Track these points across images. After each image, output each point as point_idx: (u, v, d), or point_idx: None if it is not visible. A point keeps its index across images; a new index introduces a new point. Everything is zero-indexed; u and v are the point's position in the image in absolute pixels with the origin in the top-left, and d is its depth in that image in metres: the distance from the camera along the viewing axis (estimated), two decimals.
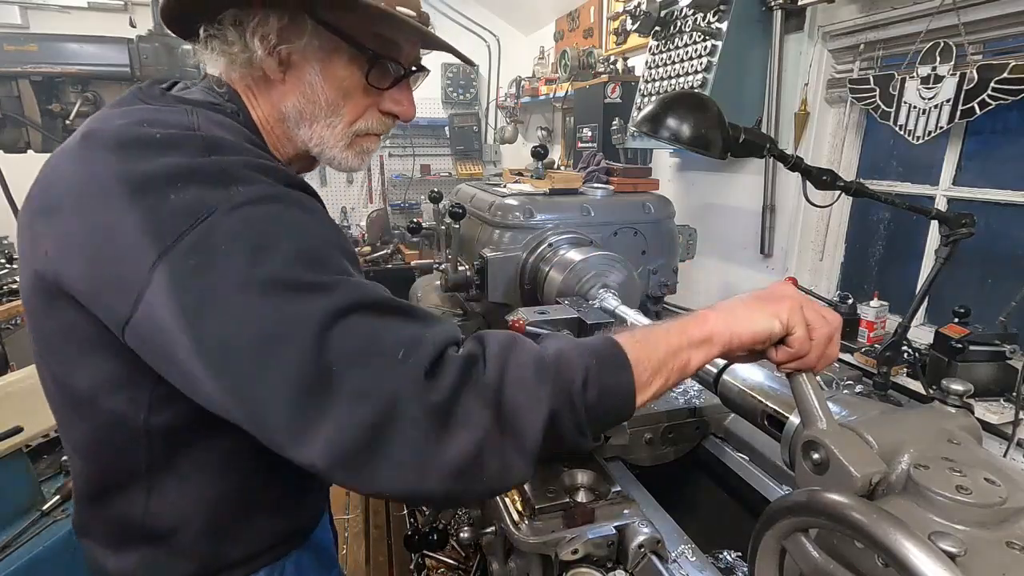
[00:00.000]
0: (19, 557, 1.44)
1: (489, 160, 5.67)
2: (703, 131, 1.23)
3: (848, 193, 1.37)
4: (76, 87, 2.40)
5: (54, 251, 0.63)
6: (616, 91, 3.20)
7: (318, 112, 0.80)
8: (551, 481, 1.00)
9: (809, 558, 0.58)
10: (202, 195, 0.59)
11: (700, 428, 1.29)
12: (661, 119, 1.25)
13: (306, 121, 0.80)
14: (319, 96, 0.79)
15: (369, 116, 0.84)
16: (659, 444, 1.25)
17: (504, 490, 0.74)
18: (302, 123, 0.81)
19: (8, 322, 2.30)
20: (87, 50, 2.36)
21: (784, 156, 1.33)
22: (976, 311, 1.71)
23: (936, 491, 0.56)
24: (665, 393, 0.72)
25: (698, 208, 2.96)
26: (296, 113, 0.80)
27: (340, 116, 0.81)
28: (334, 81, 0.78)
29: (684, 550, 0.90)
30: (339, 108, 0.80)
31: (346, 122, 0.82)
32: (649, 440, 1.24)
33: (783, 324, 0.70)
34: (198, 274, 0.57)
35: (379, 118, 0.85)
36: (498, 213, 1.75)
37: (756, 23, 2.32)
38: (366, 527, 2.81)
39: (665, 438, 1.26)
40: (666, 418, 1.25)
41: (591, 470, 1.04)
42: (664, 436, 1.25)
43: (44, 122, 2.39)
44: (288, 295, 0.57)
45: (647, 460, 1.25)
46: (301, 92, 0.78)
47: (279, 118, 0.81)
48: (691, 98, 1.30)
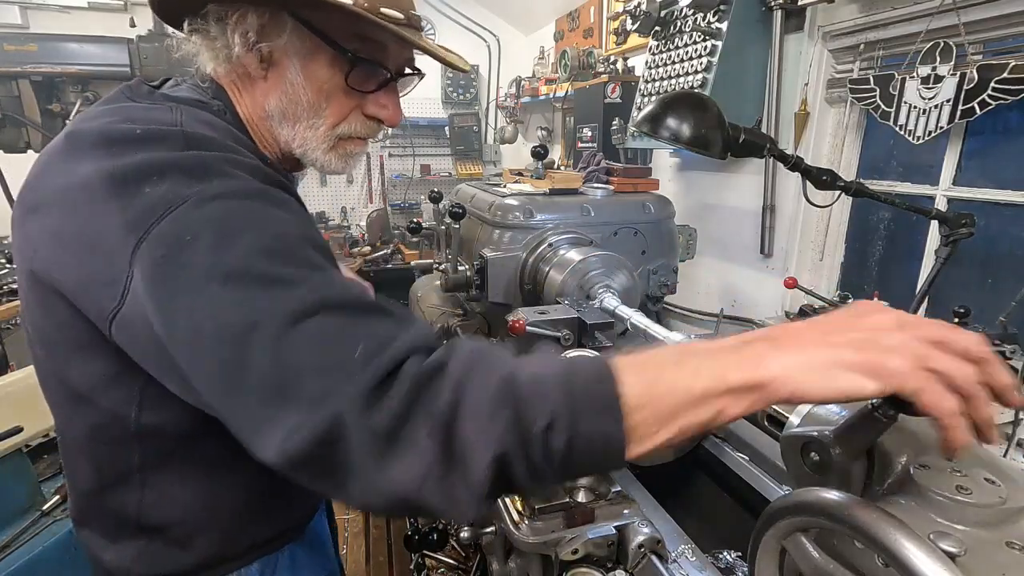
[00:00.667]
0: (19, 557, 1.44)
1: (489, 160, 5.67)
2: (703, 131, 1.23)
3: (848, 193, 1.37)
4: (76, 87, 2.41)
5: (43, 249, 0.64)
6: (616, 91, 3.20)
7: (300, 112, 0.78)
8: None
9: (809, 558, 0.58)
10: (176, 188, 0.59)
11: None
12: (661, 119, 1.25)
13: (288, 121, 0.79)
14: (300, 96, 0.77)
15: (353, 119, 0.82)
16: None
17: (460, 522, 0.68)
18: (284, 122, 0.79)
19: (8, 322, 2.30)
20: (87, 50, 2.37)
21: (784, 156, 1.33)
22: (976, 311, 1.71)
23: (936, 491, 0.56)
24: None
25: (698, 208, 2.96)
26: (279, 112, 0.78)
27: (322, 118, 0.79)
28: (315, 81, 0.77)
29: (684, 550, 0.90)
30: (320, 109, 0.79)
31: (328, 124, 0.80)
32: None
33: (886, 385, 0.47)
34: (166, 264, 0.56)
35: (363, 121, 0.83)
36: (498, 213, 1.75)
37: (756, 23, 2.32)
38: (366, 527, 2.81)
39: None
40: None
41: None
42: None
43: (44, 122, 2.39)
44: (252, 288, 0.55)
45: (647, 460, 1.24)
46: (283, 91, 0.77)
47: (263, 116, 0.80)
48: (691, 98, 1.30)
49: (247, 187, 0.63)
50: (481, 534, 1.03)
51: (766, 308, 2.62)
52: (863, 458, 0.65)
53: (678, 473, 1.30)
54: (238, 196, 0.61)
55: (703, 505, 1.30)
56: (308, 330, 0.55)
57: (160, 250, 0.56)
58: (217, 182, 0.60)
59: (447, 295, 2.05)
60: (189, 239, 0.56)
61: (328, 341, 0.55)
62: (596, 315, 1.33)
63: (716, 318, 2.91)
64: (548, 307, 1.39)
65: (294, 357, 0.53)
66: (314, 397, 0.52)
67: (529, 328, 1.25)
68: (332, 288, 0.59)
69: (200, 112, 0.73)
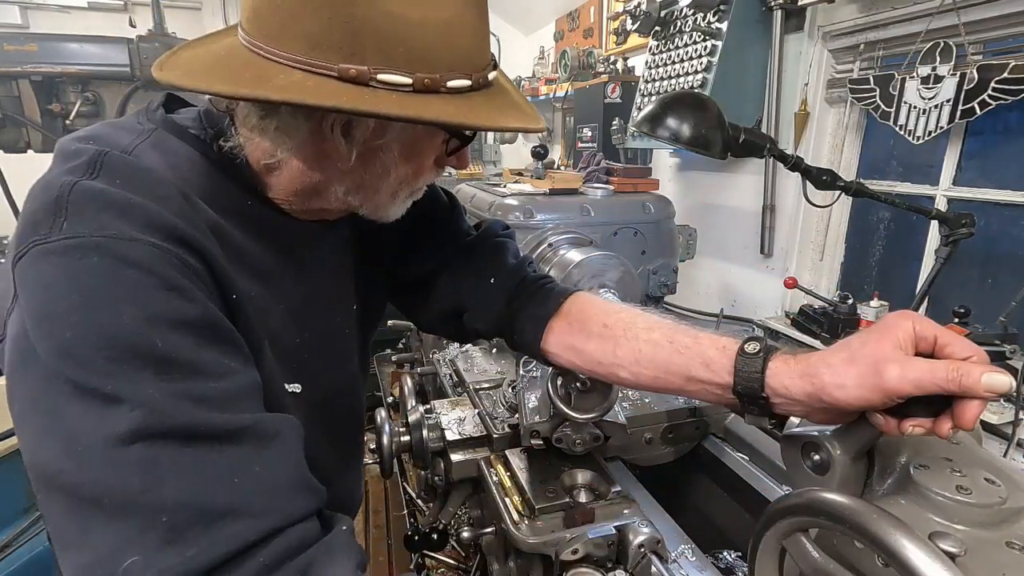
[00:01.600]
0: (19, 557, 1.44)
1: (489, 160, 5.66)
2: (703, 131, 1.23)
3: (848, 193, 1.37)
4: (76, 87, 2.40)
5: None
6: (616, 91, 3.21)
7: (382, 185, 0.71)
8: (551, 481, 1.00)
9: (809, 558, 0.58)
10: (36, 219, 0.53)
11: (700, 428, 1.28)
12: (661, 119, 1.25)
13: (361, 191, 0.71)
14: (390, 173, 0.70)
15: (428, 175, 0.75)
16: (659, 444, 1.25)
17: None
18: (352, 193, 0.71)
19: None
20: (87, 50, 2.36)
21: (784, 156, 1.33)
22: (976, 311, 1.71)
23: (936, 491, 0.56)
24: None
25: (698, 208, 2.96)
26: (347, 187, 0.70)
27: (409, 187, 0.74)
28: (415, 160, 0.70)
29: (684, 550, 0.90)
30: (410, 179, 0.72)
31: (412, 190, 0.75)
32: (649, 440, 1.23)
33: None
34: (9, 314, 0.53)
35: (434, 173, 0.76)
36: (498, 213, 1.75)
37: (756, 23, 2.32)
38: (366, 527, 2.81)
39: (665, 438, 1.25)
40: (666, 418, 1.24)
41: (591, 470, 1.04)
42: (664, 436, 1.25)
43: (44, 122, 2.39)
44: (70, 398, 0.48)
45: (646, 460, 1.25)
46: (364, 171, 0.69)
47: (302, 185, 0.70)
48: (691, 98, 1.30)
49: (98, 241, 0.51)
50: (481, 534, 1.03)
51: (766, 308, 2.62)
52: (863, 458, 0.65)
53: (678, 473, 1.29)
54: (81, 252, 0.51)
55: (703, 505, 1.30)
56: (124, 461, 0.47)
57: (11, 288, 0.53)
58: (67, 225, 0.52)
59: None
60: (23, 304, 0.51)
61: (140, 485, 0.47)
62: None
63: (716, 318, 2.91)
64: None
65: (100, 492, 0.46)
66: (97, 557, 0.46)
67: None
68: (172, 404, 0.49)
69: (177, 143, 0.66)
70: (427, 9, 0.58)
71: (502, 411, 1.17)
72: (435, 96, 0.60)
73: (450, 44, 0.60)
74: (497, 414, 1.16)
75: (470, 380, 1.31)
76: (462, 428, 1.15)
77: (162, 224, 0.55)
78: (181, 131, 0.68)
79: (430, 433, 1.11)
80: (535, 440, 1.02)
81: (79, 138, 0.62)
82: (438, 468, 1.13)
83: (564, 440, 1.00)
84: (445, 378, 1.46)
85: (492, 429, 1.12)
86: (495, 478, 1.04)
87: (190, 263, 0.56)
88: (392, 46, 0.57)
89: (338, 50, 0.56)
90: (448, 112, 0.60)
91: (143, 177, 0.58)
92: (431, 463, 1.12)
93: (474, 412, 1.20)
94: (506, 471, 1.04)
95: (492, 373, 1.36)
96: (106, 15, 4.37)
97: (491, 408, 1.19)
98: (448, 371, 1.46)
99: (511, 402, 1.16)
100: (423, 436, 1.10)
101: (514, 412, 1.13)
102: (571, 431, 0.99)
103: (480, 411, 1.19)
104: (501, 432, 1.11)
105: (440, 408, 1.21)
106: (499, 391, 1.23)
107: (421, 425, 1.11)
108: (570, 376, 0.94)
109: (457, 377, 1.40)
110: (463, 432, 1.14)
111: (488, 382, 1.30)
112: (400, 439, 1.11)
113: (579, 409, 0.94)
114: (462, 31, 0.61)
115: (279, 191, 0.71)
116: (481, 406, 1.19)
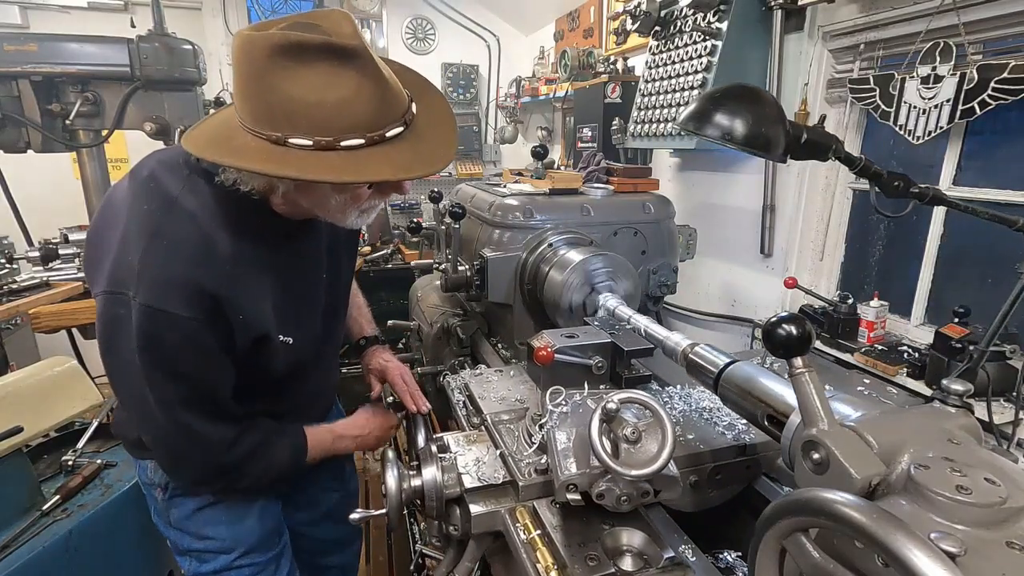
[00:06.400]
0: (19, 557, 1.44)
1: (489, 160, 5.67)
2: (761, 129, 1.04)
3: (923, 201, 1.17)
4: (76, 87, 2.40)
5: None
6: (616, 91, 3.20)
7: (330, 208, 1.01)
8: (590, 543, 0.86)
9: (809, 558, 0.58)
10: (130, 262, 0.96)
11: (752, 468, 1.11)
12: (709, 115, 1.06)
13: (320, 210, 1.02)
14: (331, 203, 0.99)
15: (372, 199, 1.02)
16: (705, 488, 1.08)
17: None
18: (316, 210, 1.02)
19: (8, 322, 2.30)
20: (87, 50, 2.36)
21: (851, 159, 1.16)
22: (976, 311, 1.71)
23: (936, 491, 0.56)
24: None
25: (698, 208, 2.96)
26: (311, 204, 1.01)
27: (349, 213, 1.02)
28: (343, 198, 0.99)
29: (684, 550, 0.90)
30: (348, 207, 1.01)
31: (354, 214, 1.03)
32: (694, 483, 1.07)
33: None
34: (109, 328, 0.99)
35: (380, 197, 1.04)
36: (498, 213, 1.75)
37: (756, 23, 2.32)
38: (366, 527, 2.81)
39: (712, 480, 1.08)
40: (711, 457, 1.07)
41: (638, 529, 0.90)
42: (711, 478, 1.08)
43: (44, 122, 2.38)
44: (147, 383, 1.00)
45: (690, 506, 1.08)
46: (313, 200, 1.00)
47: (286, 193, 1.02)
48: (743, 91, 1.09)
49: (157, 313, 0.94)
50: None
51: (766, 308, 2.62)
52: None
53: (727, 515, 1.15)
54: (148, 314, 0.94)
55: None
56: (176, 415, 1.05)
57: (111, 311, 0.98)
58: (143, 290, 0.94)
59: (447, 295, 2.05)
60: (125, 332, 0.97)
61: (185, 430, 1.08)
62: (632, 339, 1.21)
63: (716, 318, 2.91)
64: (576, 329, 1.25)
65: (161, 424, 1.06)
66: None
67: (559, 357, 1.11)
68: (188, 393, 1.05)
69: (202, 184, 0.99)
70: (323, 93, 0.82)
71: (527, 451, 1.02)
72: (333, 152, 0.85)
73: (345, 114, 0.84)
74: (522, 456, 1.02)
75: (488, 411, 1.18)
76: (481, 472, 1.01)
77: (199, 301, 0.96)
78: (208, 175, 0.99)
79: (445, 476, 0.99)
80: (571, 494, 0.86)
81: (149, 177, 1.02)
82: (454, 517, 1.01)
83: (607, 496, 0.84)
84: (457, 405, 1.33)
85: (517, 475, 0.98)
86: (523, 536, 0.90)
87: (214, 319, 0.99)
88: (297, 120, 0.83)
89: (267, 122, 0.85)
90: (335, 168, 0.85)
91: (186, 238, 0.97)
92: (445, 512, 1.00)
93: (495, 453, 1.07)
94: (535, 527, 0.91)
95: (511, 400, 1.24)
96: (106, 15, 4.36)
97: (513, 447, 1.05)
98: (461, 397, 1.34)
99: (538, 440, 1.01)
100: (437, 481, 0.98)
101: (542, 454, 1.00)
102: (616, 486, 0.84)
103: (502, 451, 1.05)
104: (528, 480, 0.97)
105: (455, 446, 1.09)
106: (520, 424, 1.11)
107: (434, 467, 0.99)
108: (617, 422, 0.83)
109: (472, 405, 1.28)
110: (483, 477, 1.00)
111: (508, 413, 1.18)
112: (411, 483, 0.99)
113: (629, 464, 0.80)
114: (358, 104, 0.84)
115: (277, 205, 1.05)
116: (503, 444, 1.06)
